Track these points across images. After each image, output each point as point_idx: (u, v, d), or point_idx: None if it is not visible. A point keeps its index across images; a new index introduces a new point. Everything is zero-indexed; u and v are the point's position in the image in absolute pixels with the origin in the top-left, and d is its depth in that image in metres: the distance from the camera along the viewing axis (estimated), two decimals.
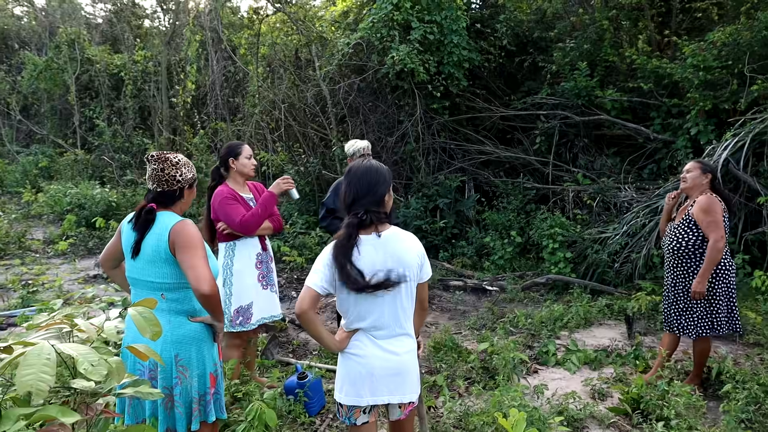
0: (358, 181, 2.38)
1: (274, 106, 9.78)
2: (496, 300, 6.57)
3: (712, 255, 3.82)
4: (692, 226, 3.95)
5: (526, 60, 9.03)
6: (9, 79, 16.41)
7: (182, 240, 2.54)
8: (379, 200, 2.39)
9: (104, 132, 13.89)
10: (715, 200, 3.90)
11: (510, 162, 8.87)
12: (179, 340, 2.60)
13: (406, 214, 8.36)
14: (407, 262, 2.37)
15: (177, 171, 2.67)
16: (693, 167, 4.04)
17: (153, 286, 2.62)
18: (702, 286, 3.86)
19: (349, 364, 2.43)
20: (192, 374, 2.63)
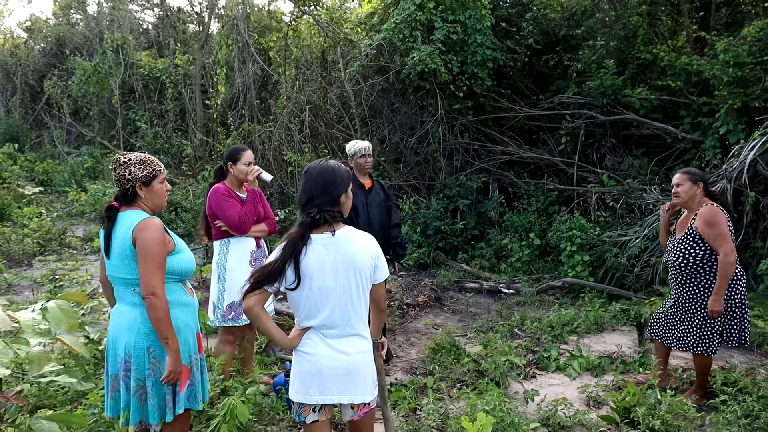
0: (313, 180, 2.39)
1: (301, 108, 9.91)
2: (507, 303, 6.46)
3: (725, 270, 3.62)
4: (698, 240, 3.75)
5: (552, 58, 8.83)
6: (60, 84, 17.21)
7: (139, 244, 2.61)
8: (334, 200, 2.40)
9: (146, 134, 14.40)
10: (717, 211, 3.70)
11: (535, 163, 8.69)
12: (151, 331, 2.67)
13: (426, 215, 8.32)
14: (358, 262, 2.37)
15: (126, 170, 2.72)
16: (682, 180, 3.85)
17: (125, 282, 2.70)
18: (719, 304, 3.66)
19: (299, 362, 2.45)
20: (164, 366, 2.70)
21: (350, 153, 4.73)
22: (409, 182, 9.15)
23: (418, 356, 4.96)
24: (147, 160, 2.79)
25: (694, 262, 3.78)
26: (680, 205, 3.90)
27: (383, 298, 2.56)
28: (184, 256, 2.82)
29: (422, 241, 8.22)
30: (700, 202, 3.82)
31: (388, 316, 5.92)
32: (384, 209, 4.83)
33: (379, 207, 4.79)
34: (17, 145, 17.28)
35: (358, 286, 2.39)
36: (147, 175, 2.76)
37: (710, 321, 3.79)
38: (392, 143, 9.24)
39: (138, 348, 2.66)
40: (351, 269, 2.37)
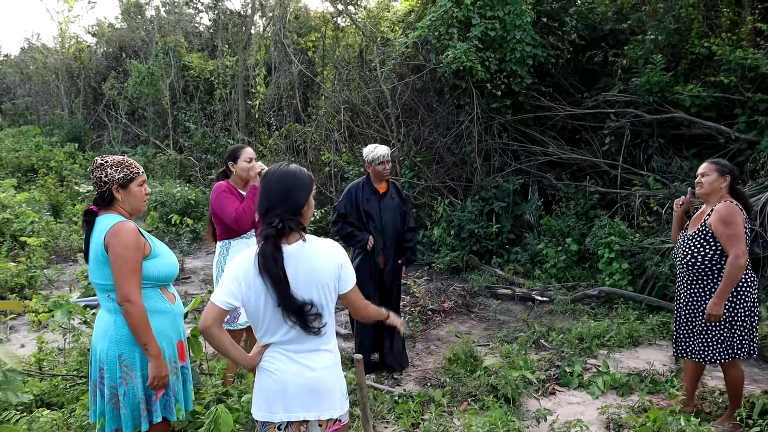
0: (272, 187, 2.22)
1: (338, 109, 9.85)
2: (538, 311, 6.15)
3: (733, 273, 3.33)
4: (709, 238, 3.46)
5: (597, 54, 8.40)
6: (118, 86, 17.87)
7: (112, 249, 2.53)
8: (295, 209, 2.23)
9: (194, 134, 14.74)
10: (735, 209, 3.40)
11: (576, 164, 8.29)
12: (123, 339, 2.61)
13: (460, 218, 8.08)
14: (320, 274, 2.22)
15: (102, 172, 2.66)
16: (709, 170, 3.53)
17: (100, 288, 2.65)
18: (719, 308, 3.37)
19: (262, 379, 2.31)
20: (137, 375, 2.63)
21: (368, 159, 4.58)
22: (444, 183, 8.92)
23: (435, 366, 4.76)
24: (125, 162, 2.72)
25: (702, 262, 3.48)
26: (701, 196, 3.60)
27: (360, 303, 2.39)
28: (163, 261, 2.73)
29: (456, 244, 7.98)
30: (721, 197, 3.52)
31: (410, 322, 5.74)
32: (398, 214, 4.65)
33: (393, 212, 4.62)
34: (77, 145, 18.05)
35: (321, 301, 2.24)
36: (124, 177, 2.68)
37: (713, 326, 3.48)
38: (427, 143, 9.03)
39: (110, 356, 2.60)
40: (313, 283, 2.22)
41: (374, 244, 4.51)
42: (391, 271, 4.66)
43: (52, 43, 24.01)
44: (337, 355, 2.38)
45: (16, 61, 26.72)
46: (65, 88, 21.64)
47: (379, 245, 4.54)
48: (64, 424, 3.33)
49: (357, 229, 4.55)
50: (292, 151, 11.65)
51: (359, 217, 4.55)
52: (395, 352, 4.74)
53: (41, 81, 22.96)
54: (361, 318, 2.46)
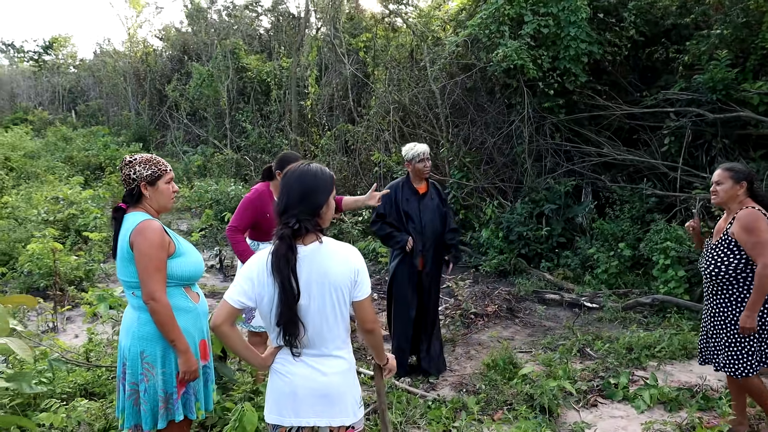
0: (291, 187, 2.19)
1: (388, 110, 9.82)
2: (587, 318, 5.91)
3: (763, 284, 3.13)
4: (733, 247, 3.26)
5: (657, 51, 8.01)
6: (180, 87, 18.52)
7: (137, 247, 2.57)
8: (314, 210, 2.20)
9: (251, 134, 15.07)
10: (758, 215, 3.19)
11: (633, 165, 7.93)
12: (145, 336, 2.65)
13: (509, 220, 7.89)
14: (335, 279, 2.17)
15: (131, 169, 2.70)
16: (722, 177, 3.32)
17: (125, 285, 2.70)
18: (752, 320, 3.19)
19: (274, 381, 2.29)
20: (158, 372, 2.67)
21: (407, 157, 4.51)
22: (494, 184, 8.74)
23: (472, 371, 4.64)
24: (153, 159, 2.76)
25: (726, 272, 3.28)
26: (719, 205, 3.42)
27: (370, 317, 2.30)
28: (188, 260, 2.76)
29: (504, 246, 7.80)
30: (741, 203, 3.30)
31: (450, 325, 5.63)
32: (438, 215, 4.55)
33: (433, 213, 4.53)
34: (142, 145, 18.81)
35: (334, 306, 2.18)
36: (152, 174, 2.72)
37: (742, 339, 3.27)
38: (477, 143, 8.87)
39: (132, 352, 2.65)
40: (326, 287, 2.16)
41: (413, 245, 4.44)
42: (429, 274, 4.57)
43: (121, 47, 25.17)
44: (351, 361, 2.33)
45: (89, 65, 28.14)
46: (132, 90, 22.60)
47: (418, 247, 4.46)
48: (102, 414, 3.43)
49: (396, 229, 4.49)
50: (343, 151, 11.72)
51: (398, 217, 4.49)
52: (432, 355, 4.65)
53: (111, 84, 24.10)
54: (365, 332, 2.34)
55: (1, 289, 6.94)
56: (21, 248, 7.70)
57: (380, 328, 2.37)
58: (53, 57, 33.25)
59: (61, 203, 10.16)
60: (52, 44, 33.51)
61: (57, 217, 9.54)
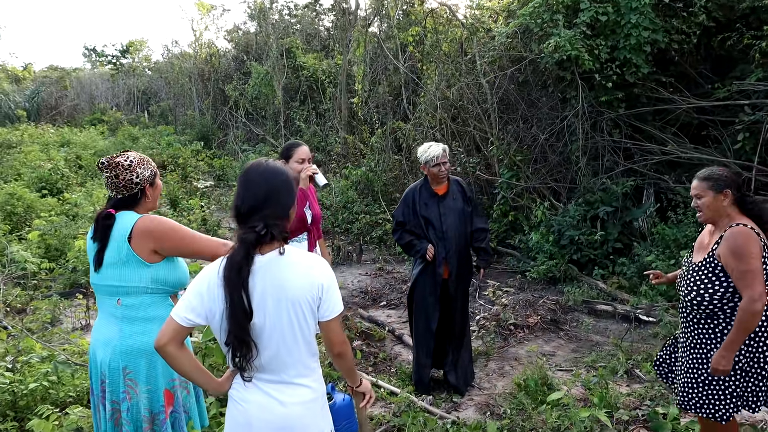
0: (256, 185, 1.91)
1: (436, 107, 9.45)
2: (641, 333, 5.35)
3: (746, 320, 2.60)
4: (719, 272, 2.71)
5: (731, 38, 7.23)
6: (239, 87, 18.82)
7: (158, 229, 2.44)
8: (283, 213, 1.93)
9: (305, 132, 15.07)
10: (750, 236, 2.64)
11: (703, 164, 7.19)
12: (127, 350, 2.46)
13: (561, 223, 7.35)
14: (292, 293, 1.88)
15: (132, 174, 2.53)
16: (700, 189, 2.79)
17: (111, 291, 2.52)
18: (727, 362, 2.65)
19: (230, 409, 2.03)
20: (141, 389, 2.47)
21: (422, 160, 4.13)
22: (546, 184, 8.20)
23: (503, 391, 4.24)
24: (146, 159, 2.62)
25: (711, 301, 2.73)
26: (707, 223, 2.88)
27: (338, 338, 2.01)
28: (179, 266, 2.59)
29: (554, 251, 7.27)
30: (730, 218, 2.75)
31: (486, 336, 5.23)
32: (462, 217, 4.18)
33: (457, 215, 4.16)
34: (204, 144, 19.25)
35: (293, 326, 1.90)
36: (152, 173, 2.60)
37: (719, 379, 2.74)
38: (528, 141, 8.35)
39: (113, 368, 2.46)
40: (283, 303, 1.88)
41: (435, 253, 4.09)
42: (455, 281, 4.20)
43: (188, 48, 25.95)
44: (319, 390, 2.03)
45: (158, 67, 29.25)
46: (197, 91, 23.23)
47: (440, 254, 4.11)
48: None
49: (417, 237, 4.16)
50: (394, 149, 11.44)
51: (418, 223, 4.16)
52: (460, 368, 4.29)
53: (178, 84, 24.89)
54: (333, 357, 2.05)
55: (48, 284, 7.10)
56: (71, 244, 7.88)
57: (350, 350, 2.07)
58: (130, 60, 34.88)
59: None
60: (128, 48, 35.13)
61: None
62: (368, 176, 10.92)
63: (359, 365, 4.75)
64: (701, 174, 2.85)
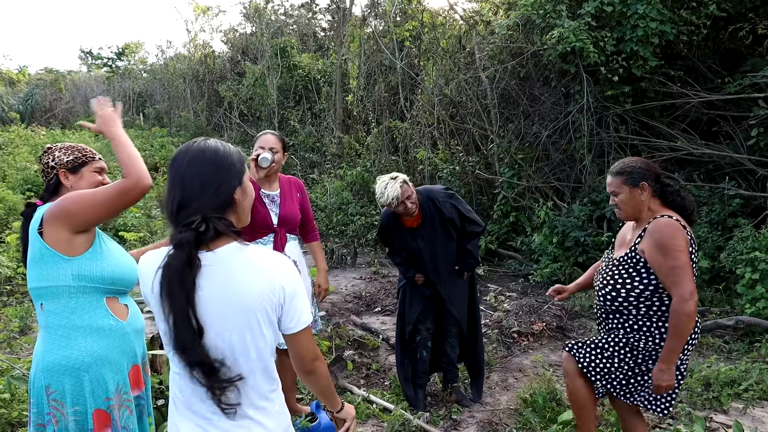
0: (185, 173, 1.50)
1: (434, 103, 9.10)
2: None
3: (682, 325, 2.31)
4: (640, 268, 2.46)
5: (743, 28, 6.89)
6: (233, 87, 18.48)
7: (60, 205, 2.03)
8: (224, 201, 1.52)
9: (300, 133, 14.71)
10: (676, 229, 2.38)
11: (713, 162, 6.85)
12: (49, 366, 2.08)
13: (565, 223, 6.99)
14: (247, 298, 1.48)
15: (49, 156, 2.27)
16: (617, 186, 2.55)
17: (34, 294, 2.15)
18: (669, 375, 2.38)
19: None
20: (68, 411, 2.09)
21: (381, 204, 3.63)
22: (549, 184, 7.84)
23: (507, 406, 3.87)
24: (77, 147, 2.30)
25: (626, 298, 2.49)
26: (628, 220, 2.68)
27: (309, 354, 1.61)
28: (111, 259, 2.17)
29: (558, 254, 6.91)
30: (652, 211, 2.52)
31: (488, 346, 4.85)
32: (444, 243, 3.72)
33: (437, 241, 3.71)
34: None
35: (244, 341, 1.50)
36: (75, 160, 2.26)
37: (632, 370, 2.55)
38: (530, 138, 7.99)
39: (36, 386, 2.10)
40: (233, 312, 1.48)
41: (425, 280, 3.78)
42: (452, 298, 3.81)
43: (183, 49, 25.64)
44: (283, 425, 1.64)
45: (154, 69, 28.97)
46: (191, 92, 22.90)
47: (435, 281, 3.75)
48: None
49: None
50: (390, 149, 11.09)
51: (400, 247, 3.82)
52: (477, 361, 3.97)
53: (173, 86, 24.56)
54: (303, 374, 1.65)
55: (24, 290, 6.71)
56: None
57: (325, 367, 1.67)
58: (126, 62, 34.59)
59: None
60: (124, 50, 34.84)
61: None
62: (364, 176, 10.57)
63: (351, 377, 4.37)
64: (614, 168, 2.62)
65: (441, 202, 3.71)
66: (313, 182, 12.73)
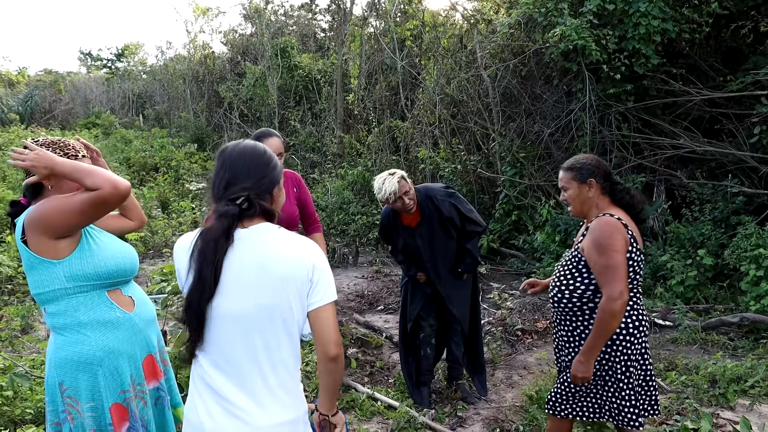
0: (234, 161, 1.63)
1: (434, 103, 9.08)
2: (659, 339, 4.96)
3: (604, 321, 2.31)
4: (582, 267, 2.45)
5: (744, 26, 6.88)
6: (234, 88, 18.46)
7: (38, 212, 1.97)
8: (266, 188, 1.63)
9: (300, 133, 14.70)
10: (615, 227, 2.38)
11: (716, 159, 6.84)
12: (62, 363, 2.07)
13: (567, 222, 6.98)
14: (280, 269, 1.54)
15: None
16: (566, 182, 2.55)
17: (36, 299, 2.13)
18: (586, 368, 2.38)
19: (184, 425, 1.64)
20: (83, 408, 2.08)
21: (380, 199, 3.62)
22: (551, 182, 7.82)
23: (512, 404, 3.85)
24: (60, 142, 2.20)
25: (570, 299, 2.47)
26: (576, 215, 2.63)
27: (333, 336, 1.59)
28: (106, 252, 2.13)
29: (561, 252, 6.88)
30: (599, 209, 2.51)
31: (492, 343, 4.83)
32: (443, 241, 3.70)
33: (435, 240, 3.69)
34: (198, 146, 18.87)
35: (273, 312, 1.53)
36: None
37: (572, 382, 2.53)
38: (532, 136, 7.98)
39: (50, 384, 2.09)
40: (266, 281, 1.53)
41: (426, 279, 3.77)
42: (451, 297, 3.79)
43: (183, 50, 25.63)
44: (300, 410, 1.63)
45: (153, 70, 28.98)
46: (191, 93, 22.89)
47: (435, 280, 3.73)
48: None
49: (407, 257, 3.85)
50: (392, 149, 11.07)
51: (406, 252, 3.81)
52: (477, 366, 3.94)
53: (173, 87, 24.55)
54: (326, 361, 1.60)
55: (25, 290, 6.69)
56: None
57: (343, 361, 1.66)
58: (125, 64, 34.59)
59: None
60: (124, 51, 34.83)
61: None
62: (365, 176, 10.55)
63: (355, 375, 4.35)
64: (565, 164, 2.61)
65: (439, 201, 3.68)
66: (314, 182, 12.71)
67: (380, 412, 3.72)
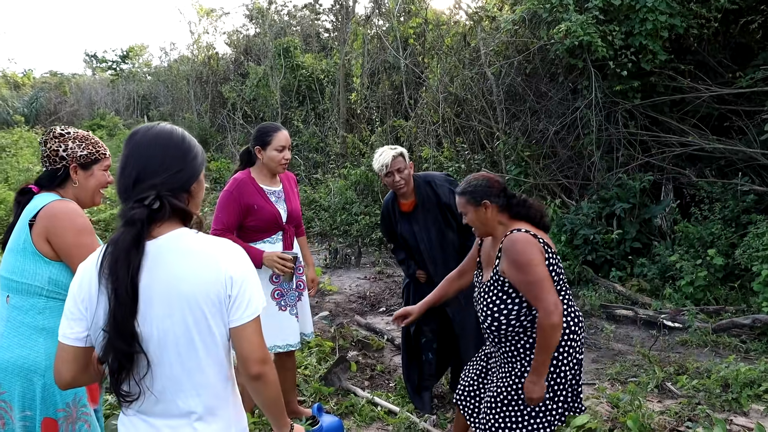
0: (145, 149, 1.41)
1: (438, 101, 8.97)
2: (668, 341, 4.83)
3: (547, 337, 2.27)
4: (507, 288, 2.39)
5: (754, 20, 6.73)
6: (237, 88, 18.41)
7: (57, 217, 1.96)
8: (183, 183, 1.43)
9: (303, 133, 14.62)
10: (527, 242, 2.34)
11: (725, 157, 6.69)
12: (3, 365, 1.97)
13: (573, 221, 6.84)
14: (190, 289, 1.37)
15: (61, 144, 2.10)
16: (462, 206, 2.53)
17: (2, 282, 2.05)
18: (540, 387, 2.32)
19: None
20: (16, 415, 1.98)
21: (375, 170, 3.52)
22: (557, 181, 7.69)
23: None
24: (91, 139, 2.17)
25: (508, 322, 2.39)
26: (482, 236, 2.61)
27: (255, 354, 1.44)
28: None
29: (567, 252, 6.75)
30: (505, 225, 2.47)
31: None
32: (440, 230, 3.56)
33: (432, 228, 3.55)
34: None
35: (190, 335, 1.38)
36: (89, 155, 2.12)
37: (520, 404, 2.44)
38: (537, 134, 7.85)
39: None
40: (176, 303, 1.36)
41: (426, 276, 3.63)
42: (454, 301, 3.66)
43: (186, 51, 25.63)
44: (235, 427, 1.50)
45: (158, 71, 29.02)
46: (195, 94, 22.87)
47: (431, 271, 3.59)
48: None
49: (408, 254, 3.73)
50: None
51: (402, 243, 3.70)
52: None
53: (177, 88, 24.55)
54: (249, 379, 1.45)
55: None
56: None
57: (275, 375, 1.49)
58: (130, 65, 34.66)
59: (107, 203, 9.97)
60: (129, 53, 34.89)
61: (100, 217, 9.33)
62: (368, 176, 10.44)
63: (354, 379, 4.24)
64: (458, 188, 2.58)
65: (438, 185, 3.57)
66: (317, 182, 12.62)
67: (380, 417, 3.61)
